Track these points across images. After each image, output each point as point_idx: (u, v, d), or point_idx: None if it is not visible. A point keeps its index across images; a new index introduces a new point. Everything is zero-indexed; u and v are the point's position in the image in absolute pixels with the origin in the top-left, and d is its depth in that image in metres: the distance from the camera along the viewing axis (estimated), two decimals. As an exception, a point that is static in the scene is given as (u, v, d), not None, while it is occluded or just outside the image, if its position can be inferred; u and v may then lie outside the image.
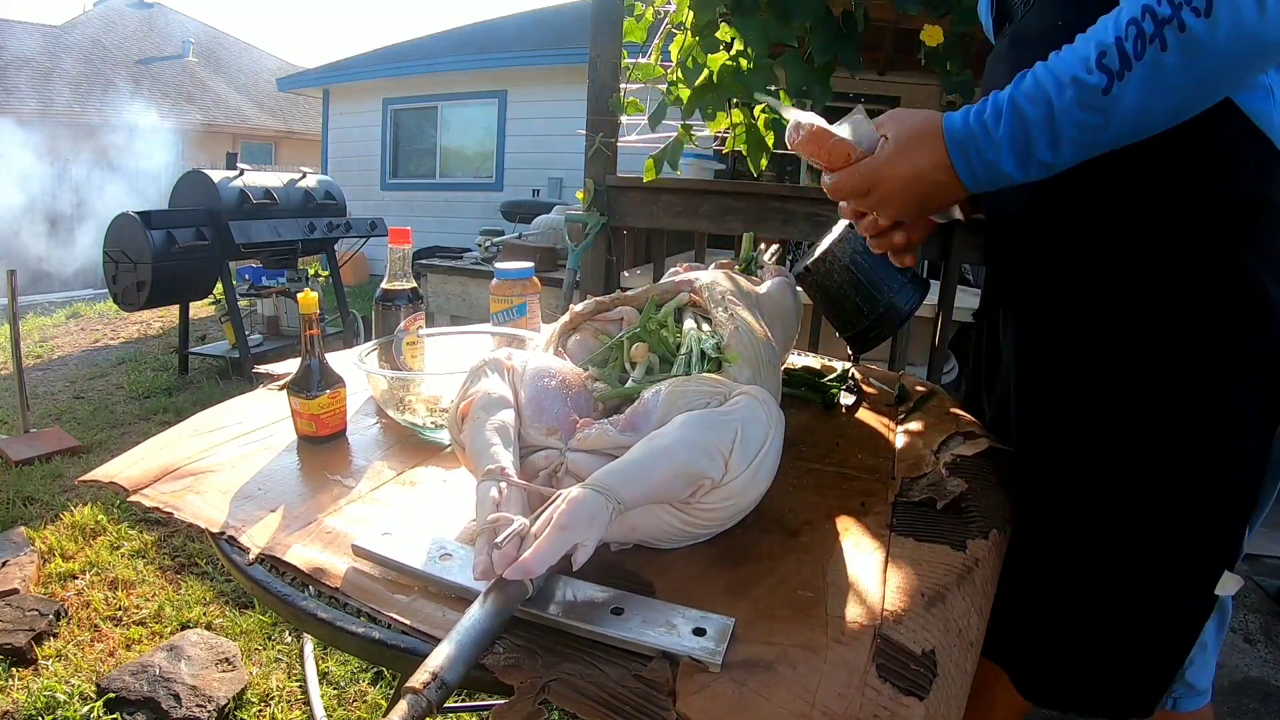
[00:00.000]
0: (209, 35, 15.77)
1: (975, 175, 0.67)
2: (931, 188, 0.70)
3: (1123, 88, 0.57)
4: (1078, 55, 0.60)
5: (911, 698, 0.47)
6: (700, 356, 0.70)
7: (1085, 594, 0.77)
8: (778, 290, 0.92)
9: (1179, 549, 0.73)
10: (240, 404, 0.97)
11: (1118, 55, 0.57)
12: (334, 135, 9.15)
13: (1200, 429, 0.70)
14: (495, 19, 10.50)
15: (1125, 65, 0.57)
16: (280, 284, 4.46)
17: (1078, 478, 0.76)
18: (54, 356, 4.89)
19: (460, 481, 0.75)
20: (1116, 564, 0.75)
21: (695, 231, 2.31)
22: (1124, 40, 0.57)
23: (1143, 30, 0.56)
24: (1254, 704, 1.70)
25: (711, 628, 0.50)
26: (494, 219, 7.09)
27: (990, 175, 0.66)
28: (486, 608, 0.47)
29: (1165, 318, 0.70)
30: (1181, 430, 0.71)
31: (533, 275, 1.11)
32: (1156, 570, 0.74)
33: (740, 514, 0.61)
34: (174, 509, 0.68)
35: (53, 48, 11.99)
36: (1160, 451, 0.71)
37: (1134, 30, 0.56)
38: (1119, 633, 0.77)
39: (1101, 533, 0.75)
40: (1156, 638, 0.76)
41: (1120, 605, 0.76)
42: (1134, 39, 0.56)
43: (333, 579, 0.58)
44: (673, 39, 2.16)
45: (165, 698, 1.55)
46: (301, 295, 0.81)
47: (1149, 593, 0.75)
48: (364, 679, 1.68)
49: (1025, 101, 0.62)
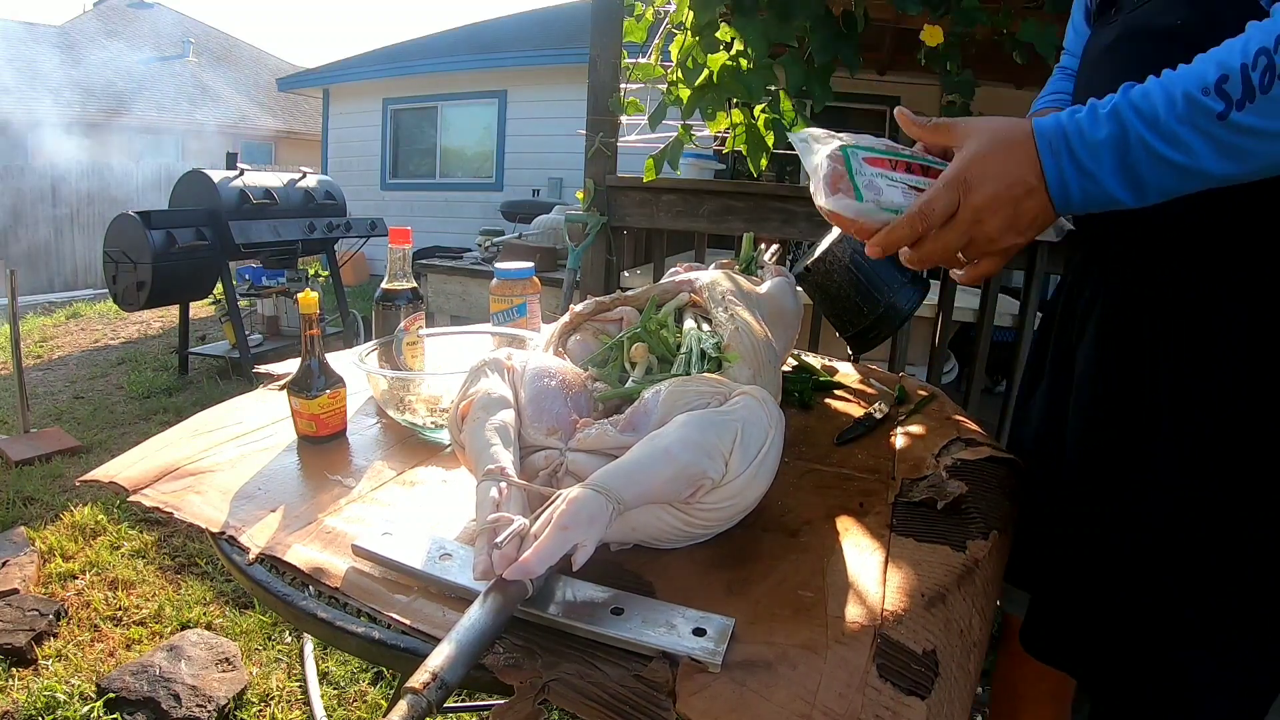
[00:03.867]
0: (209, 35, 15.77)
1: (1066, 184, 0.60)
2: (1020, 201, 0.61)
3: (1241, 118, 0.53)
4: (1195, 74, 0.55)
5: (913, 697, 0.47)
6: (700, 356, 0.70)
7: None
8: (778, 290, 0.92)
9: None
10: (240, 404, 0.97)
11: (1241, 83, 0.52)
12: (334, 135, 9.15)
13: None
14: (495, 19, 10.51)
15: (1248, 95, 0.52)
16: (280, 284, 4.46)
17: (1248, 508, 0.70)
18: (54, 356, 4.89)
19: (460, 481, 0.75)
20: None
21: (695, 231, 2.31)
22: (1250, 69, 0.52)
23: (1273, 62, 0.51)
24: (1254, 704, 1.70)
25: (711, 628, 0.50)
26: (494, 219, 7.09)
27: (1084, 185, 0.59)
28: (486, 608, 0.47)
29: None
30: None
31: (533, 275, 1.11)
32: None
33: (740, 514, 0.61)
34: (174, 509, 0.68)
35: (53, 48, 11.99)
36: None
37: (1264, 60, 0.52)
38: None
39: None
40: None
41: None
42: (1263, 70, 0.52)
43: (333, 579, 0.58)
44: (673, 39, 2.16)
45: (165, 698, 1.55)
46: (301, 295, 0.81)
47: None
48: (364, 679, 1.68)
49: (1129, 111, 0.57)
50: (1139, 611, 0.76)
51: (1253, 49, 0.53)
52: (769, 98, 2.15)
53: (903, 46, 3.75)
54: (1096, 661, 0.80)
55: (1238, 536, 0.72)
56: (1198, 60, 0.56)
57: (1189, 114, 0.54)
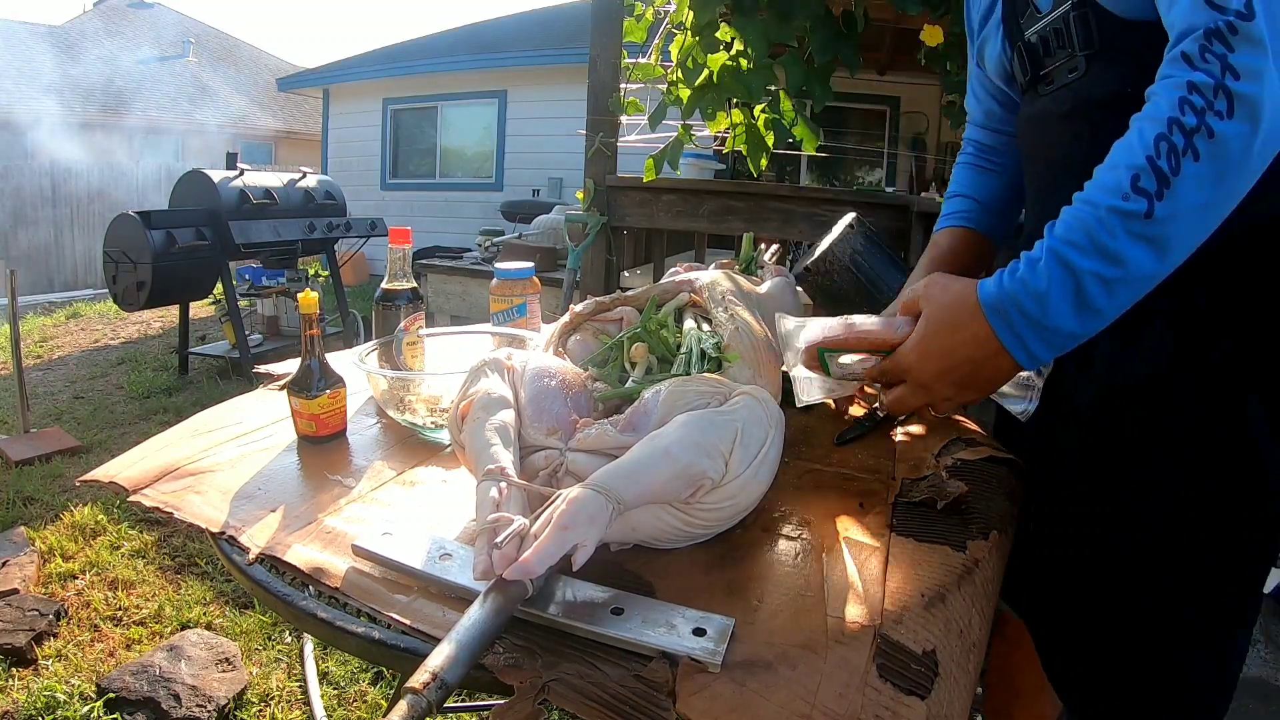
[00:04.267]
0: (209, 35, 15.77)
1: (1026, 343, 0.61)
2: (974, 369, 0.64)
3: (1163, 207, 0.55)
4: (1107, 185, 0.57)
5: (913, 697, 0.47)
6: (700, 356, 0.70)
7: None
8: (778, 290, 0.92)
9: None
10: (240, 404, 0.97)
11: (1154, 174, 0.55)
12: (334, 135, 9.15)
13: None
14: (495, 19, 10.50)
15: (1163, 184, 0.55)
16: (280, 284, 4.46)
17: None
18: (54, 356, 4.89)
19: (460, 481, 0.75)
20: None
21: (695, 231, 2.31)
22: (1156, 158, 0.55)
23: (1174, 145, 0.54)
24: (1254, 704, 1.70)
25: (711, 628, 0.50)
26: (494, 219, 7.09)
27: (1044, 337, 0.61)
28: (486, 608, 0.47)
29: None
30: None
31: (533, 275, 1.11)
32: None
33: (740, 514, 0.61)
34: (174, 509, 0.68)
35: (53, 48, 11.99)
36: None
37: (1165, 145, 0.55)
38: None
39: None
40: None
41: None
42: (1167, 154, 0.54)
43: (333, 579, 0.58)
44: (673, 39, 2.16)
45: (165, 698, 1.55)
46: (301, 295, 0.81)
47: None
48: (364, 679, 1.68)
49: (1065, 247, 0.58)
50: (1139, 611, 0.76)
51: (1150, 138, 0.55)
52: (769, 98, 2.15)
53: (903, 46, 3.75)
54: (1090, 665, 0.80)
55: (1238, 536, 0.72)
56: (1100, 172, 0.58)
57: (1122, 225, 0.56)
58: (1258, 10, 0.54)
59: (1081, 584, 0.79)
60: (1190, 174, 0.54)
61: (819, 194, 2.43)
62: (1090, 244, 0.57)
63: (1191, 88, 0.54)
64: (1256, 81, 0.53)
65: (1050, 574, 0.82)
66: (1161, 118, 0.55)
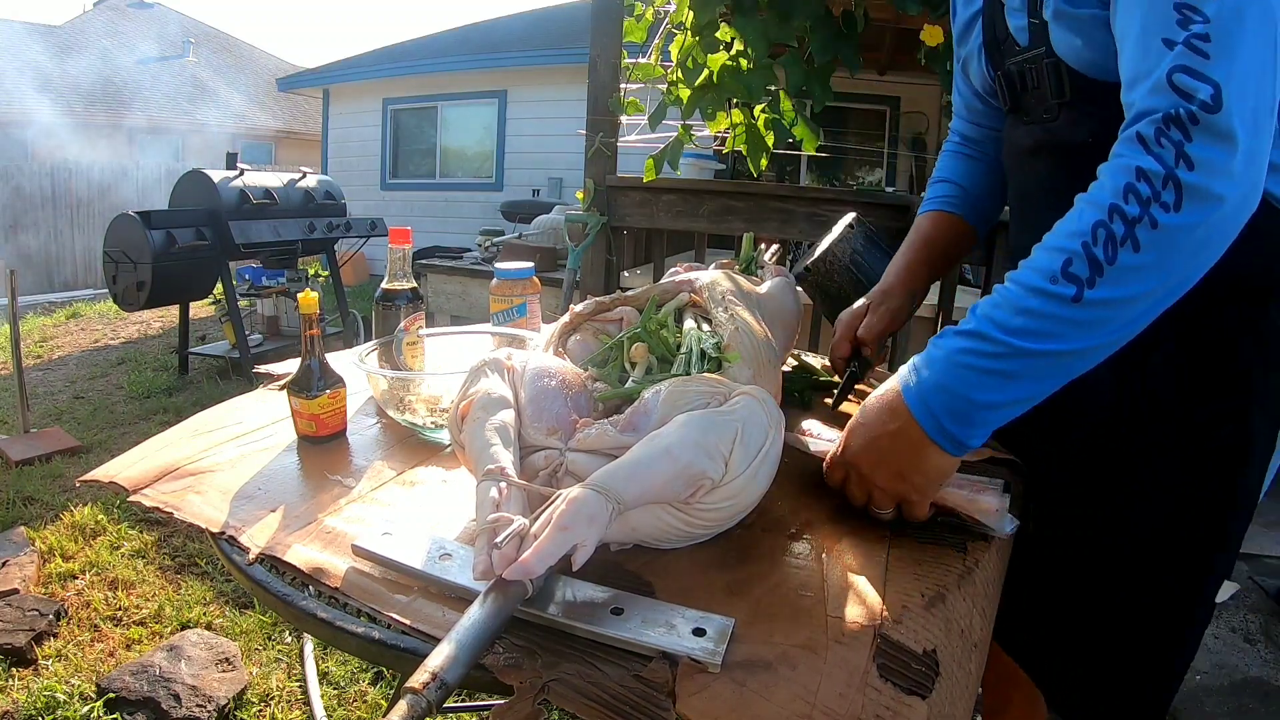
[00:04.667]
0: (209, 35, 15.77)
1: (939, 421, 0.59)
2: (903, 455, 0.62)
3: (1094, 294, 0.53)
4: (1039, 266, 0.56)
5: (914, 696, 0.47)
6: (700, 356, 0.70)
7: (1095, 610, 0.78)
8: (778, 290, 0.92)
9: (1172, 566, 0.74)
10: (240, 404, 0.97)
11: (1086, 262, 0.53)
12: (334, 135, 9.15)
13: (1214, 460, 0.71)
14: (495, 19, 10.50)
15: (1096, 271, 0.53)
16: (280, 284, 4.45)
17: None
18: (54, 356, 4.89)
19: (460, 481, 0.75)
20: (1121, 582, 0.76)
21: (695, 231, 2.31)
22: (1092, 245, 0.53)
23: (1112, 233, 0.53)
24: (1254, 704, 1.70)
25: (711, 628, 0.50)
26: (494, 219, 7.09)
27: (960, 418, 0.59)
28: (486, 608, 0.47)
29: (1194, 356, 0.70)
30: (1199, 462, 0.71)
31: (533, 275, 1.11)
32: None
33: (740, 514, 0.61)
34: (174, 509, 0.68)
35: (53, 48, 11.99)
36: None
37: (1103, 233, 0.53)
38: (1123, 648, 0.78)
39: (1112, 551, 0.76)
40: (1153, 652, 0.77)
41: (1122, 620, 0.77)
42: (1104, 241, 0.53)
43: (333, 579, 0.58)
44: (673, 39, 2.16)
45: (165, 698, 1.55)
46: (301, 295, 0.81)
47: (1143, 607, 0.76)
48: (364, 679, 1.68)
49: (986, 323, 0.57)
50: (1141, 611, 0.76)
51: (1088, 224, 0.53)
52: (769, 98, 2.15)
53: (903, 46, 3.75)
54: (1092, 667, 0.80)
55: (1238, 537, 0.72)
56: (1037, 250, 0.57)
57: (1045, 306, 0.55)
58: (1229, 103, 0.51)
59: (1082, 585, 0.79)
60: (1127, 264, 0.52)
61: (819, 194, 2.43)
62: (1010, 318, 0.56)
63: (1140, 174, 0.53)
64: (1212, 174, 0.51)
65: (1050, 575, 0.82)
66: (1104, 203, 0.54)
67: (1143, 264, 0.53)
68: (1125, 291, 0.53)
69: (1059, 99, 0.72)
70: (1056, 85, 0.72)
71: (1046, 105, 0.74)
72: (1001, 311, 0.57)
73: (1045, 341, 0.55)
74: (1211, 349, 0.70)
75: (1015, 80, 0.78)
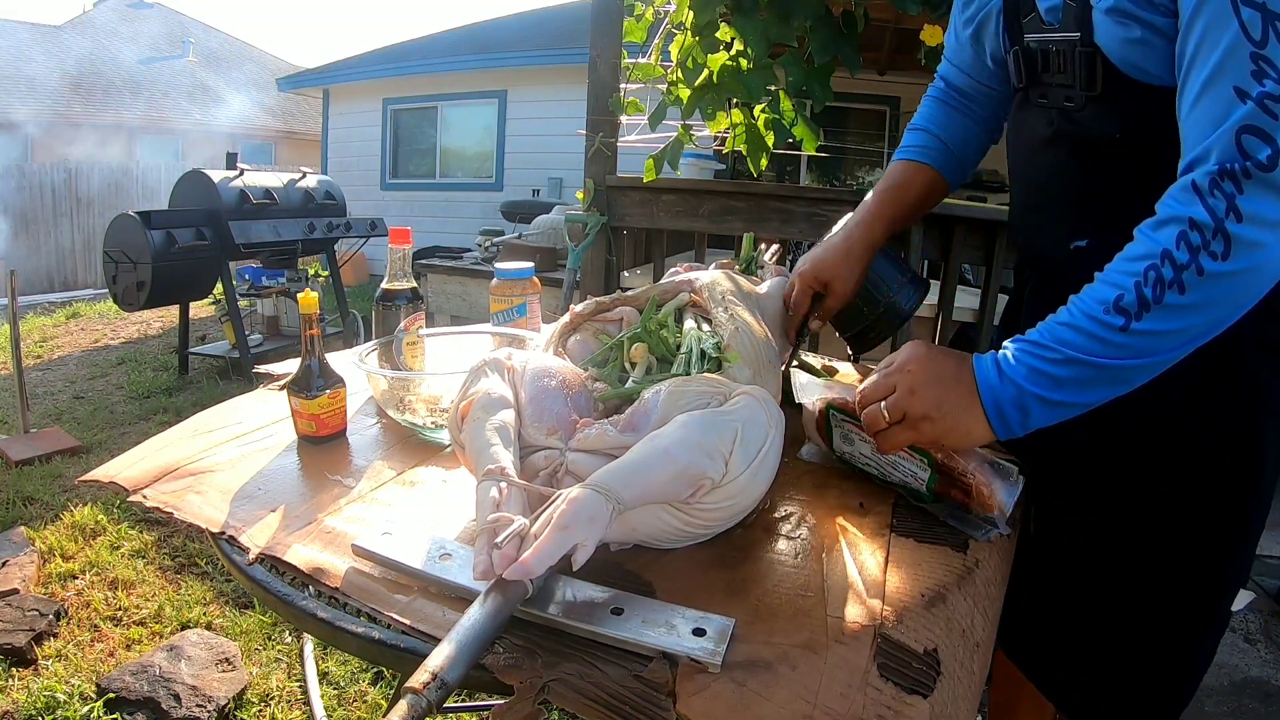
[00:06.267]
0: (209, 35, 15.77)
1: (995, 392, 0.64)
2: (953, 396, 0.65)
3: (1141, 325, 0.58)
4: (1097, 296, 0.61)
5: (915, 696, 0.47)
6: (700, 356, 0.70)
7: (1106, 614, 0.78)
8: (778, 290, 0.92)
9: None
10: (240, 404, 0.97)
11: (1136, 299, 0.58)
12: (334, 135, 9.15)
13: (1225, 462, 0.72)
14: (495, 19, 10.50)
15: (1144, 308, 0.58)
16: (280, 284, 4.45)
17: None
18: (54, 356, 4.89)
19: (460, 481, 0.75)
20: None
21: (695, 231, 2.31)
22: (1143, 285, 0.58)
23: (1161, 276, 0.57)
24: (1254, 704, 1.70)
25: (711, 628, 0.50)
26: (494, 219, 7.08)
27: (1011, 401, 0.63)
28: (486, 608, 0.47)
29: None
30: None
31: (533, 275, 1.11)
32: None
33: (740, 514, 0.61)
34: (174, 509, 0.68)
35: (53, 48, 11.99)
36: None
37: (1153, 275, 0.58)
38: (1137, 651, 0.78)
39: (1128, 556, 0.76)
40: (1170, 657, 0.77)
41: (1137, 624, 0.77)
42: (1154, 283, 0.58)
43: (333, 579, 0.58)
44: (673, 39, 2.16)
45: (165, 698, 1.55)
46: (301, 295, 0.81)
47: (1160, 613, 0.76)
48: (364, 679, 1.68)
49: (1044, 333, 0.62)
50: (1147, 623, 0.76)
51: (1142, 267, 0.58)
52: (769, 98, 2.15)
53: (903, 46, 3.75)
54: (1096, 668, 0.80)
55: (1250, 548, 0.72)
56: (1099, 280, 0.62)
57: (1095, 329, 0.60)
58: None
59: (1089, 595, 0.79)
60: (1172, 304, 0.57)
61: (819, 194, 2.43)
62: (1066, 333, 0.61)
63: (1193, 224, 0.56)
64: (1261, 227, 0.55)
65: (1056, 584, 0.82)
66: (1158, 247, 0.58)
67: (1186, 304, 0.57)
68: (1167, 326, 0.58)
69: (1088, 91, 0.70)
70: (1087, 76, 0.69)
71: (1071, 94, 0.72)
72: (1062, 328, 0.62)
73: (1093, 356, 0.60)
74: (1219, 357, 0.69)
75: (1035, 59, 0.75)
